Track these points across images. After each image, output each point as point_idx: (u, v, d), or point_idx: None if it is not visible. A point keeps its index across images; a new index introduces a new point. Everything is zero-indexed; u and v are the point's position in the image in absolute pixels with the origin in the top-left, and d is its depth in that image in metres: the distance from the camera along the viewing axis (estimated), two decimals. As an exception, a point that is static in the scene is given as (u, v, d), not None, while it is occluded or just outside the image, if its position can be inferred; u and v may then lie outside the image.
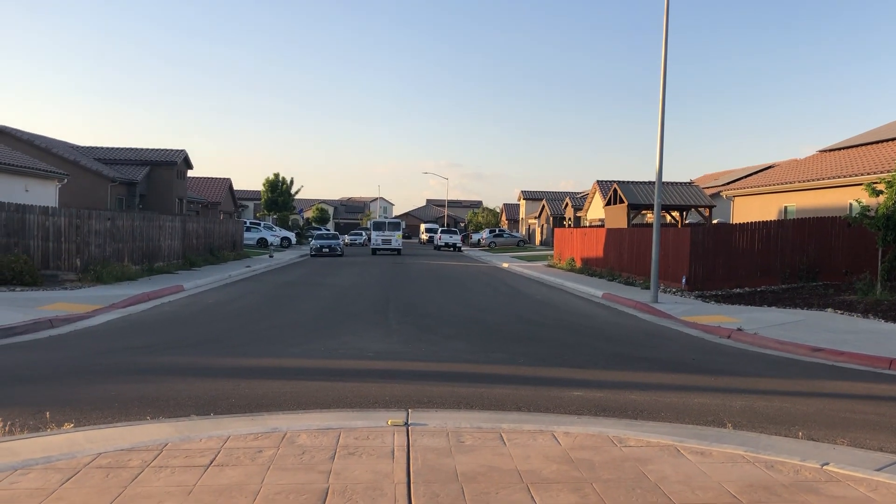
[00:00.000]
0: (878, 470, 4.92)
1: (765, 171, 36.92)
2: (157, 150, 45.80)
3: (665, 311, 17.23)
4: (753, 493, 4.29)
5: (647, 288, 20.67)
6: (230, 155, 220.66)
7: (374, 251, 49.60)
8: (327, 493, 4.09)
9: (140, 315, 15.08)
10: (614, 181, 37.63)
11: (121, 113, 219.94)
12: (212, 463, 4.56)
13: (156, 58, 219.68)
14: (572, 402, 7.85)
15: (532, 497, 4.13)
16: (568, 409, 7.48)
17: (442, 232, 65.38)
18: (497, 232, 72.45)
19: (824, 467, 4.81)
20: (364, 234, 74.85)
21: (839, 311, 16.46)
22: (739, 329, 14.08)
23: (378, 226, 50.95)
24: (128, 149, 45.50)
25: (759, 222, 22.41)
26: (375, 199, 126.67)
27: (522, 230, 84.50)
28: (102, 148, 44.74)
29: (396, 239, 49.12)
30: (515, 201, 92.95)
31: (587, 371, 10.23)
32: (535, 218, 76.48)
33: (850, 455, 5.51)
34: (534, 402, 7.80)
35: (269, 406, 7.25)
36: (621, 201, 35.55)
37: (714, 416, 7.36)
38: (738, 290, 20.92)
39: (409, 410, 6.87)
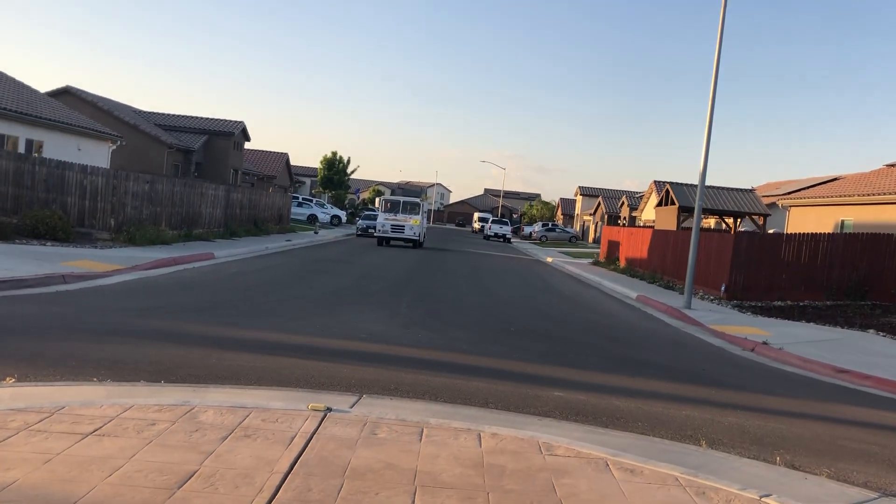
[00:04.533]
0: (837, 509, 4.35)
1: (827, 184, 35.18)
2: (216, 119, 46.47)
3: (695, 317, 16.50)
4: (667, 521, 3.80)
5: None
6: (291, 131, 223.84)
7: (381, 241, 34.67)
8: (192, 476, 3.78)
9: (157, 278, 15.12)
10: (668, 182, 36.40)
11: (182, 83, 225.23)
12: (94, 432, 4.31)
13: (220, 34, 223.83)
14: (547, 403, 7.42)
15: (413, 502, 3.73)
16: (538, 410, 7.06)
17: (493, 222, 64.51)
18: (550, 226, 71.53)
19: (763, 499, 4.27)
20: None
21: (881, 333, 15.45)
22: (765, 343, 13.29)
23: (390, 206, 35.34)
24: (187, 116, 46.27)
25: (807, 234, 21.29)
26: (433, 185, 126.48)
27: (577, 226, 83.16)
28: (162, 114, 45.56)
29: (412, 226, 34.22)
30: (572, 196, 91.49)
31: (582, 372, 9.74)
32: (591, 215, 75.09)
33: (816, 488, 4.95)
34: (505, 399, 7.39)
35: (227, 379, 7.03)
36: (673, 203, 34.33)
37: (693, 432, 6.83)
38: (779, 302, 19.90)
39: (364, 395, 6.57)
